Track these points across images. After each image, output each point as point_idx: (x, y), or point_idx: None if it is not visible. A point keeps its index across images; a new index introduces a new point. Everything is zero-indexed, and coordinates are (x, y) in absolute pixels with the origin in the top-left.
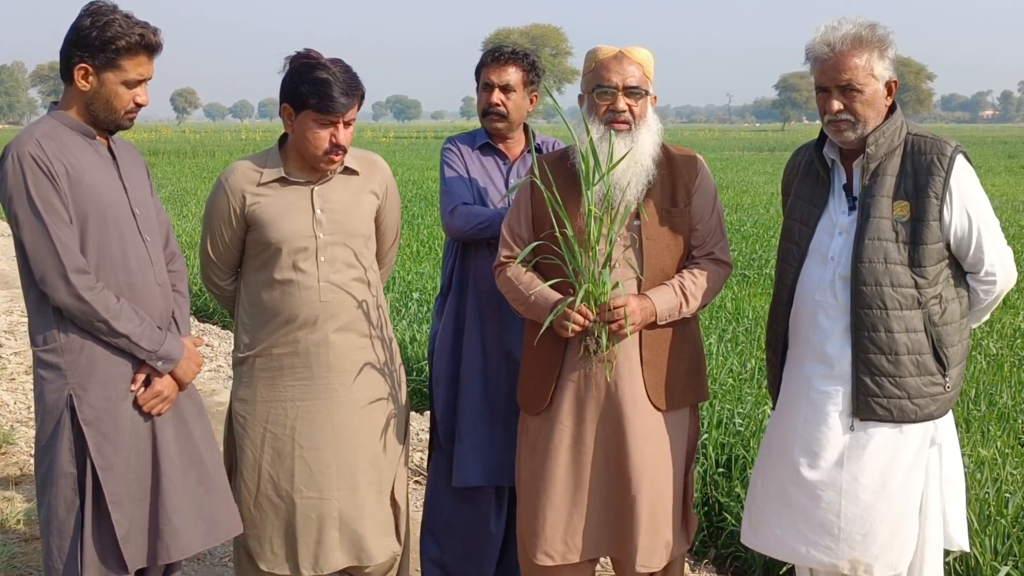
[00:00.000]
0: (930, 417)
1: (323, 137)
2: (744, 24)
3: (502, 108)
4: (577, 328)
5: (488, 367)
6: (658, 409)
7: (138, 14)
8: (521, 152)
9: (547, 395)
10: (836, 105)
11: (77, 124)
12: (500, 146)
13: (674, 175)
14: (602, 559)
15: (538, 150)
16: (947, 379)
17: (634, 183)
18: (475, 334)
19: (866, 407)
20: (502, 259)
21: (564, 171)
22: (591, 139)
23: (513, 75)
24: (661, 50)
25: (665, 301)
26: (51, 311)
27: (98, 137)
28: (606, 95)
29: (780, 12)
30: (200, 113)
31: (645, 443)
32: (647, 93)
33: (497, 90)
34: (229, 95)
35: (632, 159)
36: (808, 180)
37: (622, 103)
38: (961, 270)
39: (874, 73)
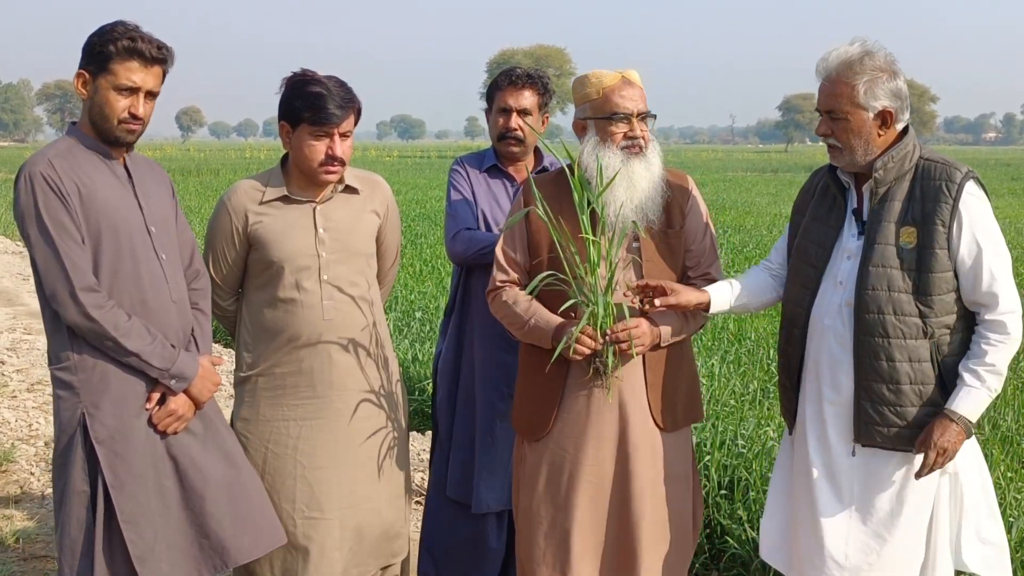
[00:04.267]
0: None
1: (319, 149)
2: (748, 45)
3: (520, 133)
4: (585, 351)
5: (485, 388)
6: (661, 430)
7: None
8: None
9: (548, 421)
10: (821, 128)
11: (92, 143)
12: (509, 168)
13: (669, 197)
14: None
15: (545, 171)
16: None
17: (652, 204)
18: (474, 355)
19: (867, 434)
20: (497, 283)
21: (566, 191)
22: (578, 165)
23: (529, 99)
24: (665, 71)
25: (668, 322)
26: (65, 330)
27: (114, 155)
28: (623, 122)
29: (784, 33)
30: (205, 131)
31: (650, 466)
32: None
33: (515, 114)
34: (234, 114)
35: (650, 180)
36: (825, 202)
37: (639, 129)
38: None
39: (859, 102)
